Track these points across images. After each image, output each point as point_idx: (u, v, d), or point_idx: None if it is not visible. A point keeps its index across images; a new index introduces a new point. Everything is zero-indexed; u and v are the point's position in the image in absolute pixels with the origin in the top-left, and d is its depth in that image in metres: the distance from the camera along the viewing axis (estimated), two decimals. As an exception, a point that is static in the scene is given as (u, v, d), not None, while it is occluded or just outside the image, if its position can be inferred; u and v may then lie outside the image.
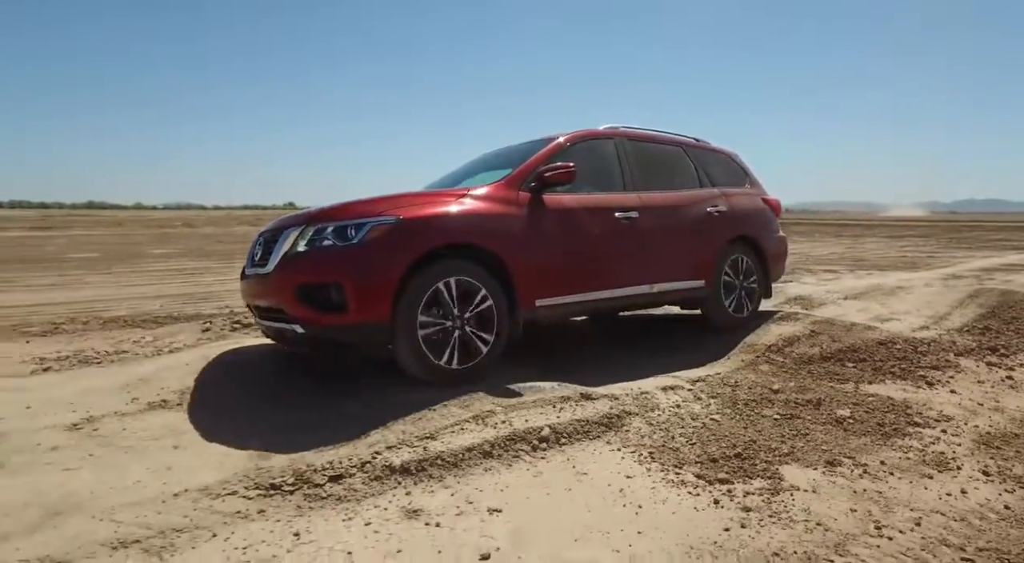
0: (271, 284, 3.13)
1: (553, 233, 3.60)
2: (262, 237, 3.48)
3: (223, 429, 2.70)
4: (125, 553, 1.76)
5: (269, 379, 3.42)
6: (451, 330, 3.14)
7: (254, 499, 2.07)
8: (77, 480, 2.19)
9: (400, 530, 1.91)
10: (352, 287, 2.91)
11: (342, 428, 2.65)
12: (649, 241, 4.07)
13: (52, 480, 2.18)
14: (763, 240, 4.91)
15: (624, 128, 4.42)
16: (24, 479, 2.19)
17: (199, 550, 1.78)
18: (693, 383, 3.45)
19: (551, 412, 2.85)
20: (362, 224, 3.03)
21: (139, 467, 2.30)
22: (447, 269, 3.13)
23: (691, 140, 4.95)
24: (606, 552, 1.82)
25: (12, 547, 1.77)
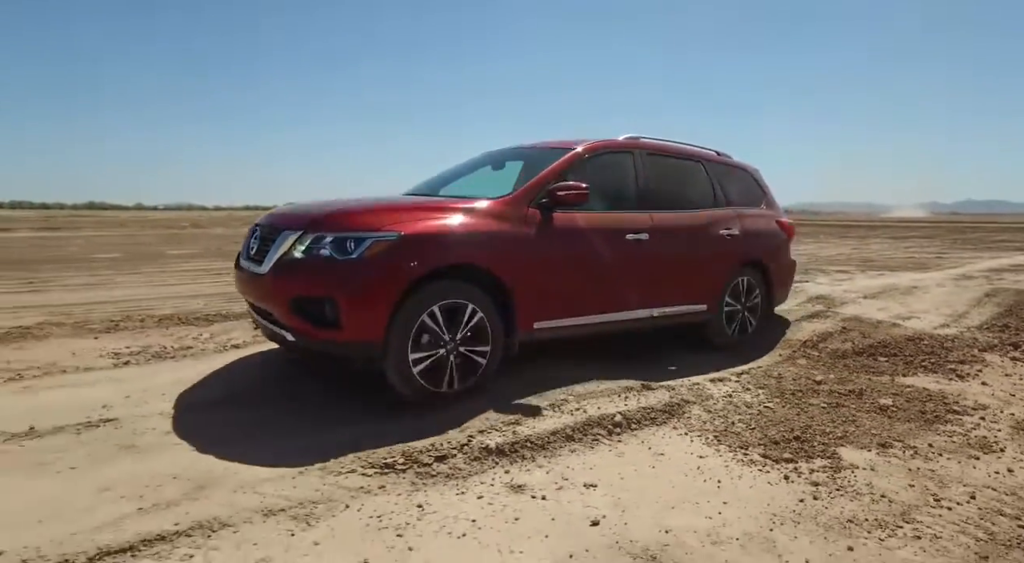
0: (265, 288, 3.04)
1: (559, 256, 3.43)
2: (259, 230, 3.37)
3: (317, 416, 2.93)
4: (276, 519, 1.98)
5: (337, 372, 3.64)
6: (446, 352, 3.01)
7: (372, 476, 2.30)
8: (206, 460, 2.41)
9: (511, 502, 2.13)
10: (347, 305, 2.79)
11: (427, 415, 2.88)
12: (656, 265, 3.93)
13: (185, 459, 2.41)
14: (771, 265, 4.76)
15: (645, 139, 4.25)
16: (160, 458, 2.42)
17: (339, 518, 2.00)
18: (738, 376, 3.68)
19: (618, 401, 3.08)
20: (362, 238, 2.88)
21: (256, 448, 2.53)
22: (446, 289, 2.99)
23: (712, 154, 4.80)
24: (700, 519, 2.05)
25: (182, 511, 2.00)
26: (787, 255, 5.05)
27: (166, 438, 2.62)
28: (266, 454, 2.46)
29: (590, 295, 3.62)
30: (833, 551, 1.87)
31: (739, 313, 4.53)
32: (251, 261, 3.26)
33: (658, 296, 3.98)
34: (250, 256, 3.30)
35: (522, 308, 3.25)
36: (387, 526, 1.96)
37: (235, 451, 2.48)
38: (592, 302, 3.63)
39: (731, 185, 4.77)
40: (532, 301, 3.29)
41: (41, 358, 4.03)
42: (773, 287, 4.82)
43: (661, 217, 4.01)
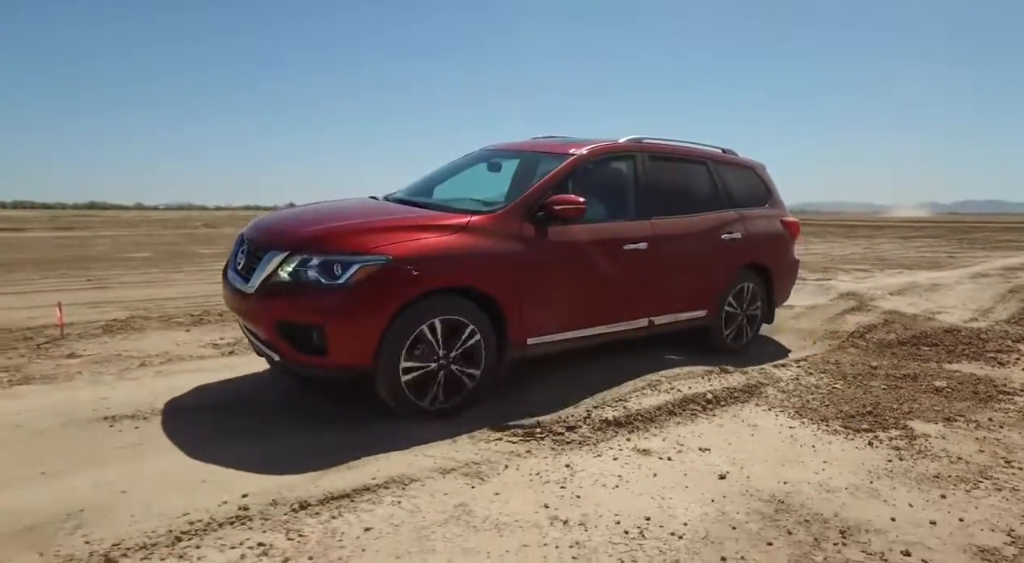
0: (251, 308, 2.97)
1: (556, 271, 3.33)
2: (246, 243, 3.25)
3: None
4: (453, 475, 2.35)
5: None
6: (435, 371, 2.95)
7: (518, 443, 2.66)
8: (370, 430, 2.78)
9: (643, 462, 2.50)
10: (334, 332, 2.73)
11: (547, 394, 3.26)
12: (655, 274, 3.82)
13: (349, 428, 2.78)
14: (774, 267, 4.64)
15: (647, 141, 4.06)
16: (330, 427, 2.79)
17: (504, 475, 2.37)
18: (797, 363, 4.05)
19: (703, 382, 3.46)
20: (349, 263, 2.78)
21: (402, 420, 2.89)
22: (435, 308, 2.91)
23: (717, 152, 4.63)
24: (808, 473, 2.42)
25: (372, 469, 2.37)
26: (790, 255, 4.92)
27: (324, 414, 2.99)
28: (415, 424, 2.83)
29: (585, 309, 3.52)
30: (928, 498, 2.24)
31: (739, 318, 4.45)
32: (238, 275, 3.17)
33: (656, 305, 3.89)
34: (237, 270, 3.21)
35: (515, 326, 3.17)
36: (548, 481, 2.32)
37: (390, 421, 2.85)
38: (587, 315, 3.54)
39: (736, 184, 4.62)
40: (526, 319, 3.20)
41: (152, 348, 4.39)
42: (774, 289, 4.70)
43: (661, 224, 3.87)
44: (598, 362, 3.85)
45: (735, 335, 4.44)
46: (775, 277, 4.64)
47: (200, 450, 2.50)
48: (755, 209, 4.67)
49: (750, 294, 4.50)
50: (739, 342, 4.48)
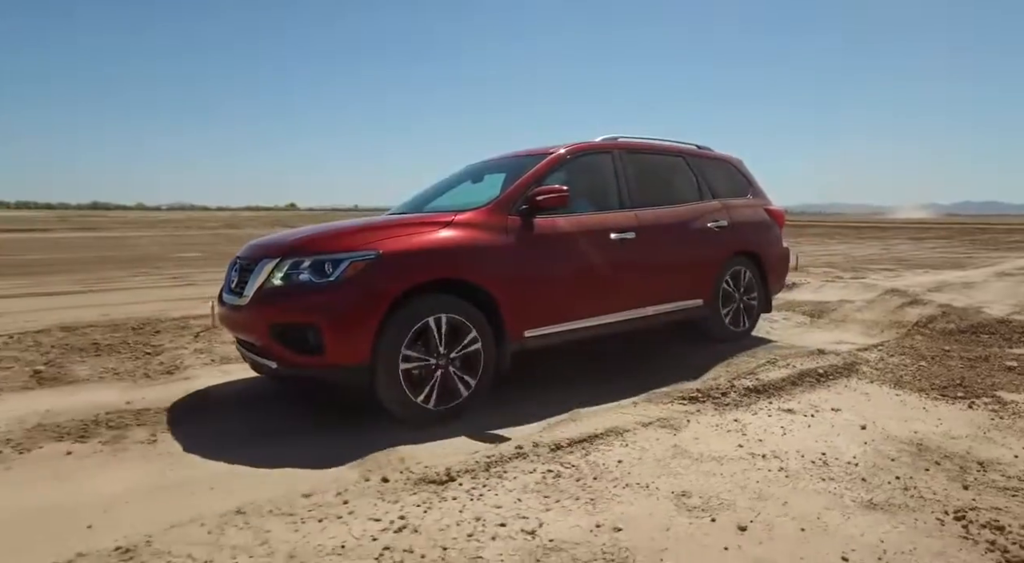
0: (246, 318, 3.02)
1: (544, 260, 3.43)
2: (238, 262, 3.34)
3: (605, 370, 3.91)
4: (651, 428, 2.95)
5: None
6: (433, 369, 3.00)
7: (687, 404, 3.27)
8: (568, 402, 3.39)
9: (793, 418, 3.10)
10: (329, 329, 2.76)
11: (682, 370, 3.87)
12: (646, 263, 3.93)
13: (555, 396, 3.39)
14: (764, 254, 4.79)
15: (623, 139, 4.24)
16: (528, 400, 3.41)
17: (690, 427, 2.96)
18: (876, 347, 4.65)
19: (809, 360, 4.07)
20: (339, 260, 2.86)
21: (579, 391, 3.50)
22: (429, 305, 2.97)
23: (692, 148, 4.79)
24: (930, 426, 3.02)
25: (590, 424, 2.98)
26: (780, 244, 5.05)
27: (523, 390, 3.61)
28: (594, 394, 3.44)
29: (579, 299, 3.59)
30: (1033, 444, 2.85)
31: (736, 306, 4.59)
32: (232, 294, 3.23)
33: (650, 295, 3.98)
34: (231, 289, 3.27)
35: (510, 318, 3.23)
36: (729, 430, 2.93)
37: (582, 392, 3.47)
38: (582, 306, 3.61)
39: (715, 177, 4.74)
40: (520, 310, 3.27)
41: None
42: (768, 276, 4.83)
43: (646, 214, 4.00)
44: (705, 350, 4.46)
45: (733, 322, 4.59)
46: (766, 264, 4.80)
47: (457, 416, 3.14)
48: (738, 199, 4.83)
49: (746, 282, 4.64)
50: (738, 329, 4.62)
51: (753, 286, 4.72)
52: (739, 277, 4.60)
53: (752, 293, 4.73)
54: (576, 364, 4.24)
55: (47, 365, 4.02)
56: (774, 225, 5.01)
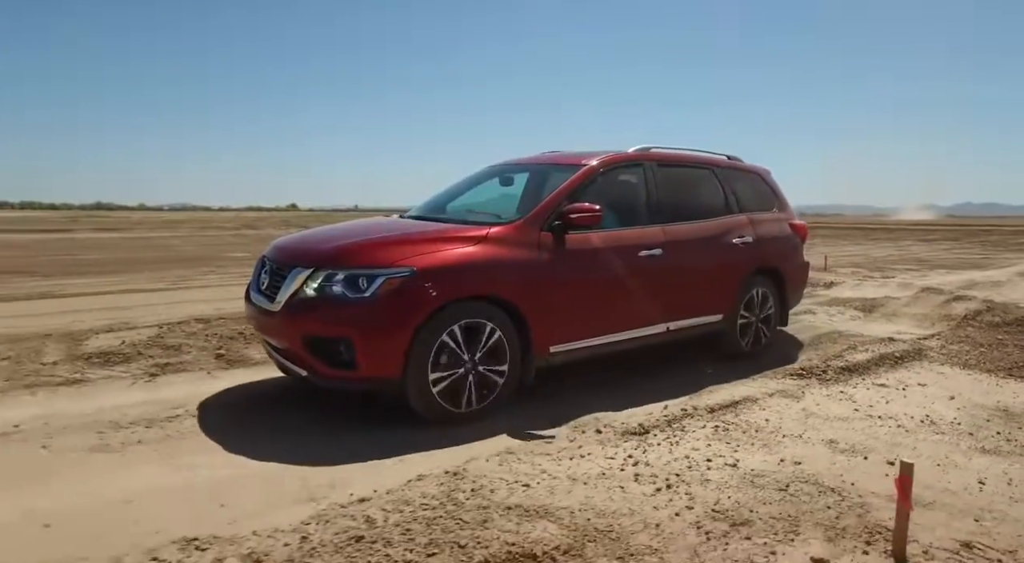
0: (278, 325, 3.07)
1: (573, 279, 3.45)
2: (268, 264, 3.37)
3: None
4: (776, 396, 3.54)
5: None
6: (462, 376, 3.05)
7: (796, 380, 3.87)
8: (692, 384, 3.99)
9: (888, 391, 3.69)
10: (362, 344, 2.81)
11: (779, 358, 4.48)
12: (671, 279, 3.95)
13: (687, 374, 4.00)
14: (785, 270, 4.78)
15: (654, 150, 4.23)
16: (666, 377, 4.02)
17: (807, 397, 3.54)
18: (933, 337, 5.25)
19: (884, 346, 4.67)
20: (375, 276, 2.89)
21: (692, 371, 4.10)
22: (460, 315, 3.01)
23: (722, 159, 4.80)
24: (1009, 397, 3.62)
25: (726, 393, 3.58)
26: (800, 257, 5.08)
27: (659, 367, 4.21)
28: (713, 372, 4.05)
29: (604, 316, 3.63)
30: (1096, 410, 3.45)
31: (753, 323, 4.58)
32: (262, 295, 3.26)
33: (673, 310, 3.99)
34: (261, 290, 3.30)
35: (538, 334, 3.26)
36: (840, 399, 3.52)
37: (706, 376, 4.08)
38: (607, 322, 3.65)
39: (743, 190, 4.74)
40: (547, 326, 3.30)
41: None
42: (787, 292, 4.82)
43: (674, 230, 4.01)
44: (781, 338, 5.07)
45: (753, 340, 4.58)
46: (787, 279, 4.78)
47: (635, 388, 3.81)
48: (764, 213, 4.80)
49: (764, 297, 4.63)
50: (757, 346, 4.61)
51: (771, 301, 4.72)
52: (758, 293, 4.60)
53: (769, 308, 4.71)
54: (702, 350, 4.84)
55: (222, 350, 4.61)
56: (796, 239, 5.02)
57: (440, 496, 2.19)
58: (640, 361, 4.30)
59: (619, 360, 4.11)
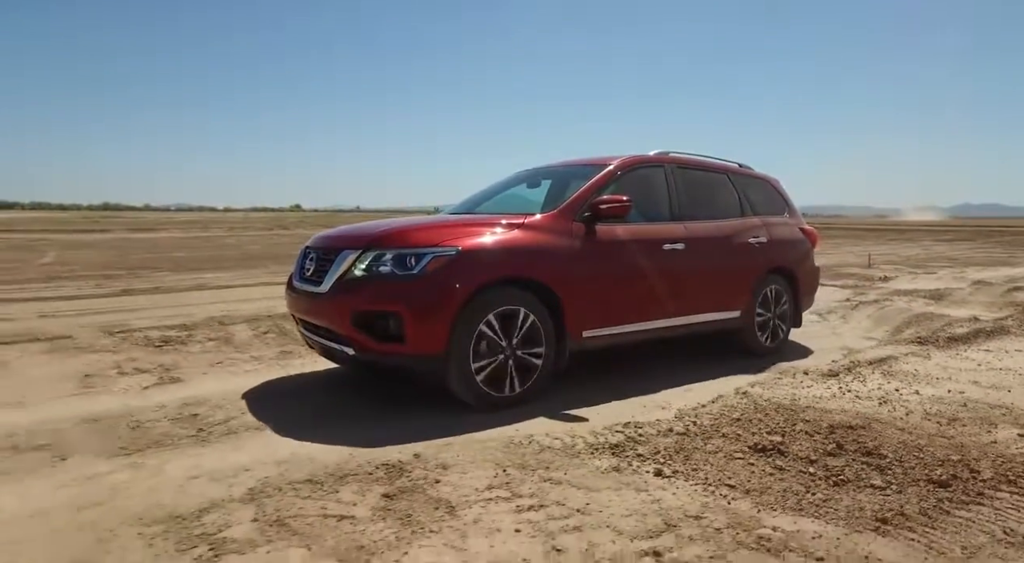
0: (326, 306, 3.17)
1: (604, 266, 3.62)
2: (312, 252, 3.53)
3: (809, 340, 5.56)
4: (909, 356, 4.57)
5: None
6: (501, 359, 3.16)
7: (918, 346, 4.89)
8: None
9: (993, 354, 4.68)
10: (411, 318, 2.93)
11: (892, 333, 5.52)
12: (693, 273, 4.13)
13: (800, 351, 5.05)
14: (797, 271, 5.00)
15: (674, 154, 4.47)
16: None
17: (931, 359, 4.52)
18: (1007, 318, 6.26)
19: (972, 324, 5.69)
20: (423, 254, 3.03)
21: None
22: (501, 298, 3.15)
23: (735, 166, 5.02)
24: (1089, 359, 4.66)
25: (869, 353, 4.62)
26: (812, 261, 5.29)
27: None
28: (824, 346, 5.10)
29: (632, 304, 3.80)
30: None
31: (770, 320, 4.78)
32: (307, 282, 3.41)
33: (694, 303, 4.17)
34: (305, 277, 3.46)
35: (571, 318, 3.41)
36: (960, 358, 4.51)
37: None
38: (634, 311, 3.82)
39: (755, 195, 4.98)
40: (580, 311, 3.45)
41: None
42: (800, 293, 5.04)
43: (694, 227, 4.23)
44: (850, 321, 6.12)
45: (766, 335, 4.78)
46: (799, 281, 5.02)
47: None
48: (776, 217, 5.08)
49: (779, 297, 4.85)
50: (771, 344, 4.80)
51: (785, 301, 4.92)
52: (773, 292, 4.80)
53: (784, 308, 4.92)
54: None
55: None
56: (807, 243, 5.26)
57: (746, 406, 3.24)
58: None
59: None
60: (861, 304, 6.96)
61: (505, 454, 2.58)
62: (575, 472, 2.41)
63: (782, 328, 4.91)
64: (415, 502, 2.13)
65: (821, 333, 5.64)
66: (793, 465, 2.46)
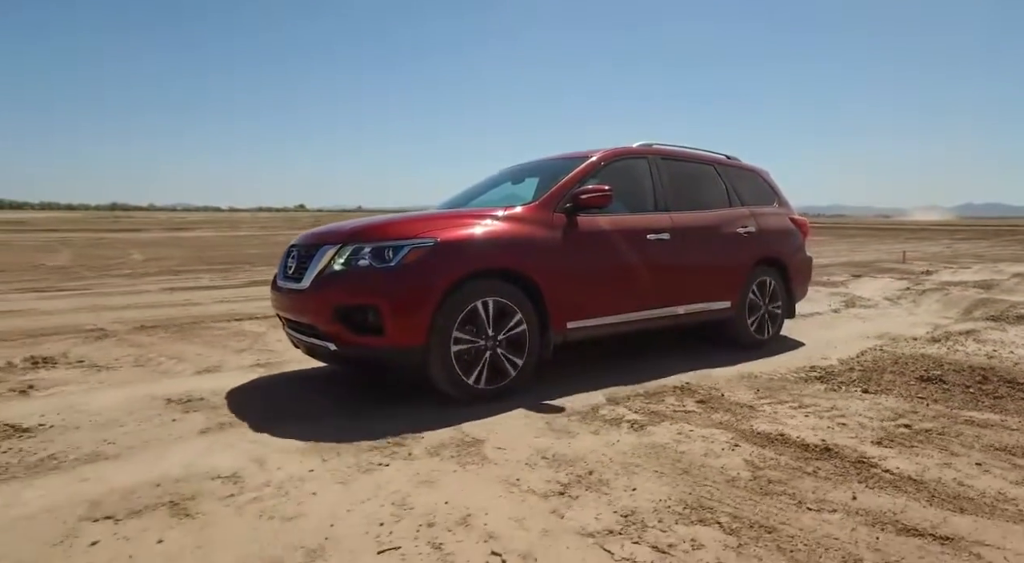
0: (306, 301, 3.14)
1: (586, 257, 3.60)
2: (295, 250, 3.48)
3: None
4: (988, 330, 5.59)
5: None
6: (483, 350, 3.14)
7: (992, 322, 5.92)
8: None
9: (1006, 337, 5.75)
10: (390, 311, 2.91)
11: (959, 312, 6.56)
12: (679, 263, 4.10)
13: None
14: (789, 261, 4.96)
15: (658, 145, 4.43)
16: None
17: (1008, 330, 5.58)
18: (1052, 303, 7.30)
19: (1009, 308, 6.74)
20: (400, 246, 3.02)
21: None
22: (481, 289, 3.12)
23: (722, 158, 5.00)
24: None
25: (943, 332, 5.66)
26: (803, 251, 5.22)
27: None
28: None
29: (617, 294, 3.77)
30: None
31: (761, 311, 4.74)
32: (289, 280, 3.38)
33: (682, 294, 4.15)
34: (288, 275, 3.42)
35: (554, 309, 3.39)
36: (1013, 334, 5.57)
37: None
38: (621, 302, 3.79)
39: (743, 186, 4.93)
40: (563, 302, 3.44)
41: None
42: (792, 283, 5.00)
43: (680, 217, 4.19)
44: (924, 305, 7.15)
45: (758, 327, 4.72)
46: (791, 271, 4.99)
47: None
48: (765, 207, 5.03)
49: (771, 288, 4.82)
50: (762, 336, 4.74)
51: (777, 293, 4.88)
52: (765, 283, 4.78)
53: (776, 300, 4.88)
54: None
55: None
56: (798, 233, 5.23)
57: (891, 357, 4.28)
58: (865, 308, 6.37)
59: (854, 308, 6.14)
60: (926, 291, 7.98)
61: (751, 383, 3.63)
62: (808, 390, 3.45)
63: (774, 320, 4.89)
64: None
65: (902, 314, 6.64)
66: (956, 388, 3.48)
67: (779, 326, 4.98)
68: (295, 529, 1.87)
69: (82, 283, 8.90)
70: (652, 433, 2.75)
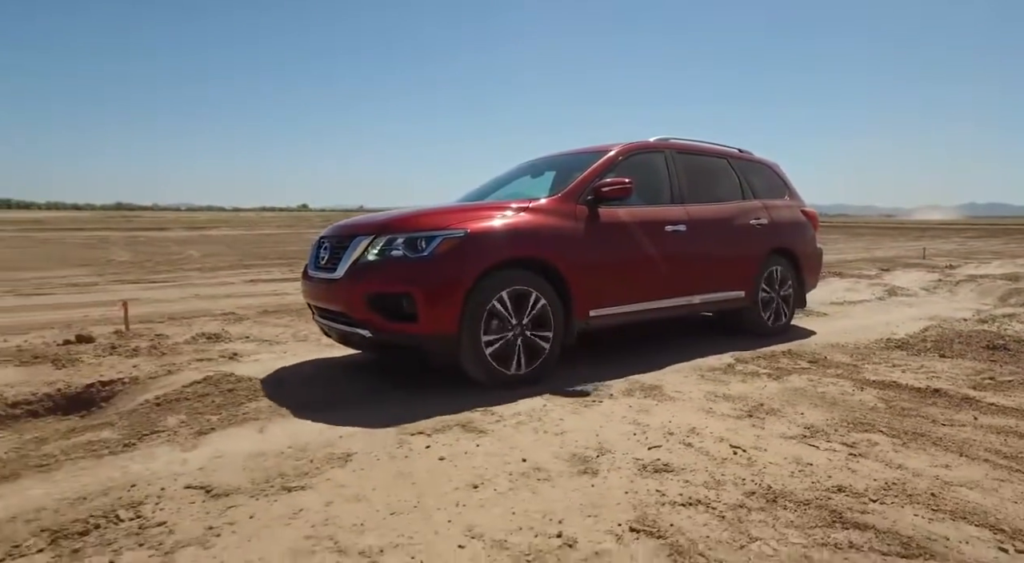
0: (341, 290, 3.24)
1: (608, 247, 3.70)
2: (326, 241, 3.59)
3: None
4: (1008, 320, 6.28)
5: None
6: (514, 337, 3.25)
7: (982, 322, 6.62)
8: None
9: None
10: (423, 299, 3.02)
11: (998, 300, 7.24)
12: (695, 253, 4.23)
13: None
14: (801, 252, 5.08)
15: (673, 140, 4.55)
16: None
17: (1002, 325, 6.28)
18: (1076, 292, 7.96)
19: (1059, 294, 7.41)
20: (432, 237, 3.13)
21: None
22: (510, 278, 3.24)
23: (735, 151, 5.10)
24: None
25: (991, 314, 6.33)
26: (814, 243, 5.35)
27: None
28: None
29: (636, 284, 3.90)
30: None
31: (774, 301, 4.84)
32: (322, 270, 3.49)
33: (699, 284, 4.29)
34: (320, 266, 3.53)
35: (578, 297, 3.51)
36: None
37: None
38: (640, 291, 3.92)
39: (755, 179, 5.06)
40: (586, 290, 3.55)
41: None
42: (803, 273, 5.13)
43: (696, 209, 4.33)
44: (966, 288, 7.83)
45: (771, 316, 4.84)
46: (803, 262, 5.11)
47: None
48: (777, 200, 5.15)
49: (783, 278, 4.92)
50: (776, 324, 4.86)
51: (789, 282, 4.99)
52: (776, 272, 4.88)
53: (788, 289, 4.98)
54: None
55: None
56: (809, 225, 5.35)
57: (953, 331, 4.96)
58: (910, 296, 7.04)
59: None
60: (959, 282, 8.63)
61: (843, 351, 4.29)
62: (894, 355, 4.14)
63: (786, 309, 4.99)
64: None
65: (943, 301, 7.30)
66: (1021, 354, 4.14)
67: (790, 315, 5.11)
68: (570, 440, 2.54)
69: (164, 277, 9.52)
70: (789, 381, 3.44)
